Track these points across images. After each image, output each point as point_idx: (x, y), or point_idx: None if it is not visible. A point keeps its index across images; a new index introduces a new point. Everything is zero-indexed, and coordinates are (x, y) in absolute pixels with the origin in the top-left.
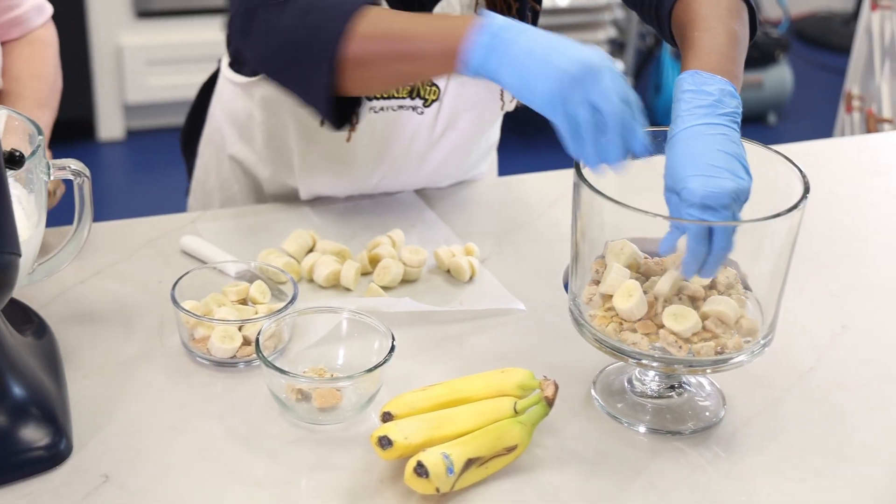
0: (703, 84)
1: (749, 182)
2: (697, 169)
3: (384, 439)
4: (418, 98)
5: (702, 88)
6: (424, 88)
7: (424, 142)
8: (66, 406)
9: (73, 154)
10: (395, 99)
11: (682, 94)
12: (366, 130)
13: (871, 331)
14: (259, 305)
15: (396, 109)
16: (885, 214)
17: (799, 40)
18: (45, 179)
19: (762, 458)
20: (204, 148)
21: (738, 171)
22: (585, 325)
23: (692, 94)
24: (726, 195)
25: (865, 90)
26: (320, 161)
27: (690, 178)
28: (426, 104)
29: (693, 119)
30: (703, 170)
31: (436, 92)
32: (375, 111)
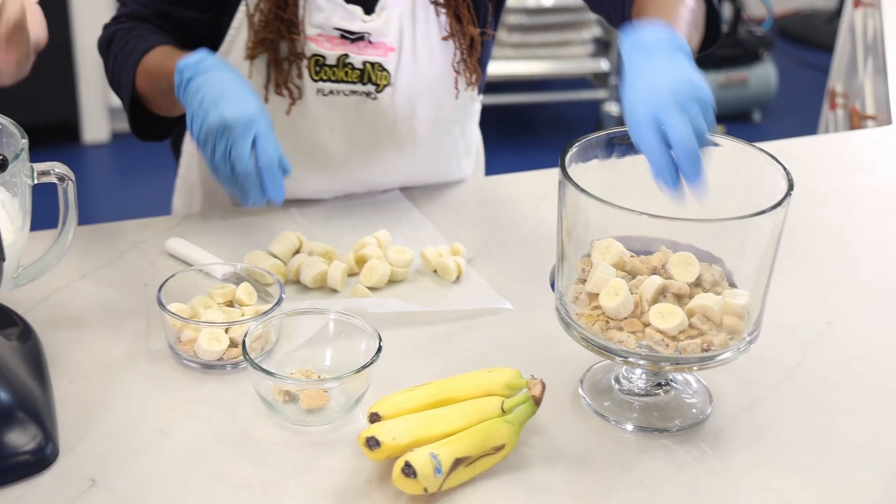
0: (652, 26)
1: (704, 85)
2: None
3: (372, 440)
4: (370, 83)
5: (649, 27)
6: (375, 73)
7: (389, 129)
8: (52, 410)
9: (57, 157)
10: (344, 83)
11: (630, 33)
12: (322, 116)
13: (856, 327)
14: (246, 307)
15: (349, 94)
16: (868, 211)
17: (783, 38)
18: (28, 183)
19: (749, 455)
20: (187, 144)
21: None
22: (572, 324)
23: (640, 32)
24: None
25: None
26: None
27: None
28: (378, 89)
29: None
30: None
31: (386, 77)
32: (325, 94)
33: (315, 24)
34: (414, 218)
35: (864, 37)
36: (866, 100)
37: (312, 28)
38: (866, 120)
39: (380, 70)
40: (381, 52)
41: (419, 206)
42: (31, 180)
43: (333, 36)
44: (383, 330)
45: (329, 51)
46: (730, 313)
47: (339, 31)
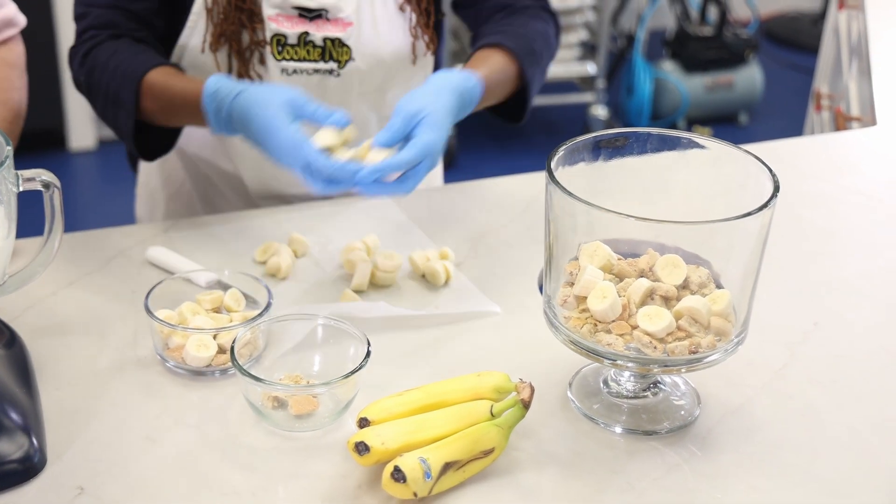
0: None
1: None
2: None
3: (361, 445)
4: (332, 60)
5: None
6: (336, 50)
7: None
8: (40, 418)
9: (44, 164)
10: (307, 62)
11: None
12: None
13: (842, 327)
14: (233, 313)
15: (311, 73)
16: (854, 212)
17: (768, 40)
18: (14, 191)
19: (737, 456)
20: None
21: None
22: (560, 327)
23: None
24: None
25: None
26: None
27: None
28: (340, 66)
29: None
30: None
31: (347, 52)
32: (289, 73)
33: (273, 3)
34: (402, 222)
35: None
36: (851, 101)
37: (271, 8)
38: (851, 121)
39: (340, 46)
40: (339, 27)
41: (407, 211)
42: (17, 188)
43: (292, 15)
44: (372, 335)
45: (289, 30)
46: (716, 315)
47: (297, 9)
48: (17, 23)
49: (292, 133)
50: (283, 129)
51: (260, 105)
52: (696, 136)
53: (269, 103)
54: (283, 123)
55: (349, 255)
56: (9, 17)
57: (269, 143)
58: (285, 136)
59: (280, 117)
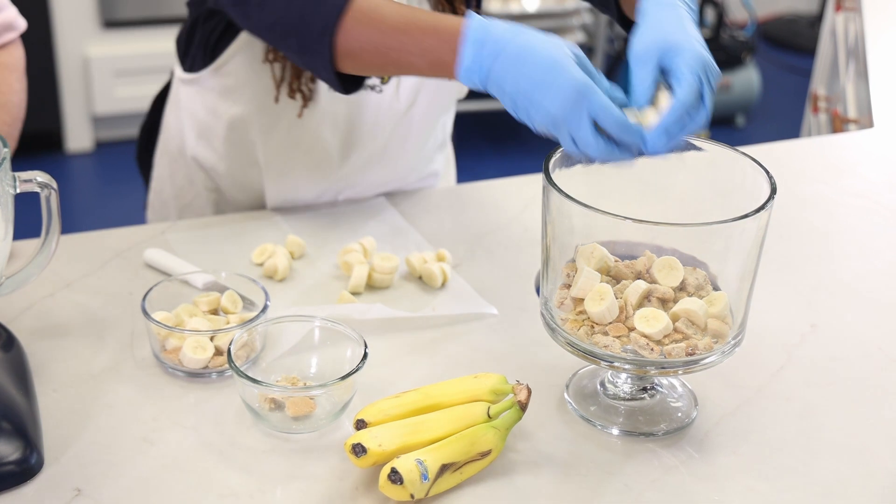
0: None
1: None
2: (686, 32)
3: (358, 447)
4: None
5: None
6: None
7: (388, 124)
8: (37, 420)
9: (41, 166)
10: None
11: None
12: (328, 113)
13: (839, 329)
14: (230, 315)
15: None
16: (851, 214)
17: (765, 42)
18: (11, 193)
19: (734, 458)
20: (159, 158)
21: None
22: (557, 329)
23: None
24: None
25: (831, 91)
26: (285, 150)
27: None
28: (383, 81)
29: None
30: (691, 33)
31: None
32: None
33: None
34: (398, 224)
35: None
36: (848, 103)
37: None
38: (848, 123)
39: None
40: None
41: (404, 213)
42: (14, 189)
43: None
44: (369, 336)
45: None
46: (713, 317)
47: None
48: (16, 27)
49: (582, 76)
50: (573, 70)
51: (548, 45)
52: (693, 138)
53: (559, 45)
54: (573, 65)
55: (346, 257)
56: (9, 21)
57: (552, 84)
58: (574, 77)
59: (570, 59)
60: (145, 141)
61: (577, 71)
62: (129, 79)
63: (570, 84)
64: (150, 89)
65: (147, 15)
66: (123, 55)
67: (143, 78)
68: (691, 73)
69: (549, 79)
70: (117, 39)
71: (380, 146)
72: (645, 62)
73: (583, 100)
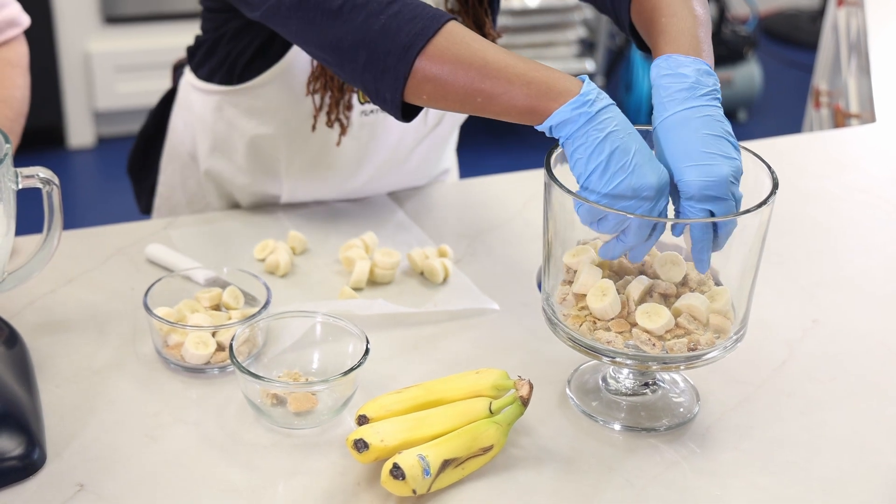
0: (679, 67)
1: (740, 157)
2: (690, 159)
3: (360, 442)
4: None
5: (678, 71)
6: None
7: (410, 141)
8: (39, 415)
9: (43, 162)
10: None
11: (660, 81)
12: (355, 134)
13: (841, 324)
14: (232, 311)
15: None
16: (853, 208)
17: (767, 37)
18: (13, 189)
19: (736, 453)
20: (166, 164)
21: (728, 151)
22: (559, 325)
23: (670, 78)
24: (724, 181)
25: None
26: (308, 167)
27: (685, 170)
28: None
29: (675, 105)
30: (695, 159)
31: None
32: (366, 114)
33: None
34: (400, 220)
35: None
36: (850, 98)
37: None
38: (850, 118)
39: None
40: None
41: (405, 208)
42: (16, 185)
43: None
44: (370, 332)
45: None
46: (716, 312)
47: None
48: (20, 23)
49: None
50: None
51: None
52: None
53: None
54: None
55: (347, 253)
56: (12, 17)
57: (647, 154)
58: (658, 164)
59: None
60: (143, 147)
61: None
62: (131, 74)
63: (665, 172)
64: (152, 85)
65: (149, 11)
66: (125, 51)
67: (145, 74)
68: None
69: (651, 155)
70: (119, 35)
71: (401, 158)
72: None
73: (667, 191)
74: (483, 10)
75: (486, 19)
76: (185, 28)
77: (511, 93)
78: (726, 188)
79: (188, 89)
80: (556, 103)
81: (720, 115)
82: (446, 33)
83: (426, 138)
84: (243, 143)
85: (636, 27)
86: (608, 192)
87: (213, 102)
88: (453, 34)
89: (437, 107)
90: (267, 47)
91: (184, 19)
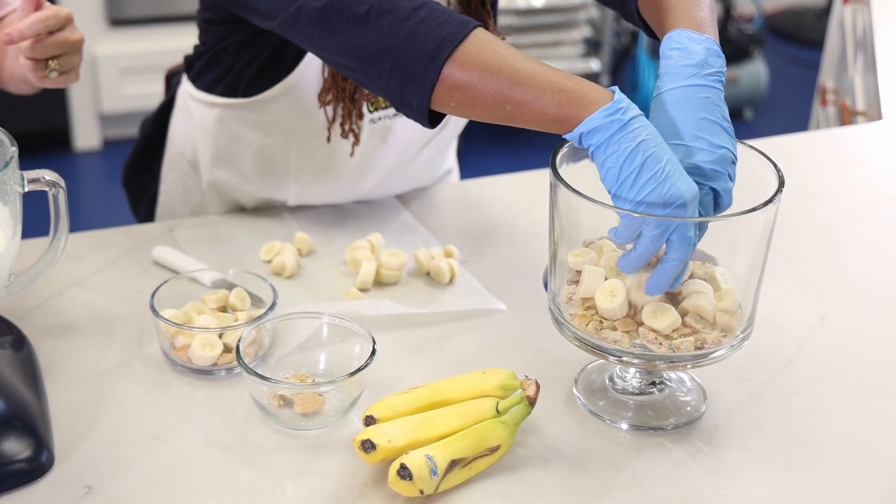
0: (691, 42)
1: (732, 144)
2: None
3: (367, 443)
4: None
5: (689, 46)
6: None
7: (417, 145)
8: (47, 418)
9: (49, 165)
10: (382, 109)
11: (669, 52)
12: (363, 142)
13: (848, 322)
14: (239, 312)
15: (392, 117)
16: (859, 206)
17: (773, 35)
18: (19, 191)
19: (744, 452)
20: (167, 174)
21: (718, 138)
22: (565, 324)
23: (679, 52)
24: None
25: (839, 84)
26: (316, 174)
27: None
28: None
29: (679, 79)
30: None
31: None
32: (374, 122)
33: None
34: (406, 220)
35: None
36: (856, 96)
37: None
38: (857, 116)
39: None
40: None
41: (411, 209)
42: (22, 188)
43: None
44: (377, 333)
45: None
46: (722, 311)
47: None
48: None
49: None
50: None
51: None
52: None
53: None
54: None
55: (354, 254)
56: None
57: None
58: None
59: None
60: (141, 158)
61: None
62: (137, 77)
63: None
64: (158, 87)
65: (154, 13)
66: (130, 53)
67: (151, 76)
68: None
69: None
70: (124, 38)
71: (407, 162)
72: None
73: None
74: (486, 12)
75: (488, 20)
76: (190, 30)
77: (542, 100)
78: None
79: (186, 99)
80: (588, 111)
81: (720, 98)
82: (474, 39)
83: (432, 141)
84: (250, 152)
85: (643, 14)
86: (641, 199)
87: (214, 113)
88: (481, 41)
89: (465, 115)
90: (275, 62)
91: (189, 21)
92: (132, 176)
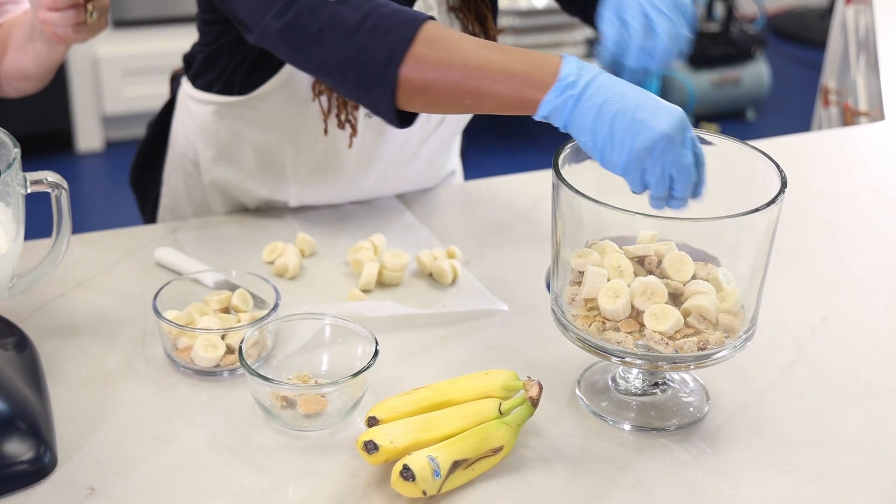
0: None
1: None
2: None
3: (370, 444)
4: None
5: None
6: None
7: (416, 141)
8: (50, 419)
9: (51, 166)
10: None
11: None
12: (360, 136)
13: (850, 323)
14: (241, 313)
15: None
16: (862, 207)
17: (775, 36)
18: (21, 193)
19: (746, 452)
20: (169, 175)
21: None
22: (568, 325)
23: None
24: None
25: (842, 84)
26: (314, 171)
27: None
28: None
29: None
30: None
31: None
32: (370, 116)
33: None
34: (408, 221)
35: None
36: (859, 96)
37: None
38: (859, 116)
39: None
40: None
41: (413, 210)
42: (24, 190)
43: None
44: (379, 334)
45: None
46: (725, 312)
47: None
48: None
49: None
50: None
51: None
52: (704, 132)
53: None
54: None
55: (356, 255)
56: None
57: (659, 106)
58: (666, 105)
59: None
60: (145, 159)
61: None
62: (139, 78)
63: (677, 109)
64: (161, 89)
65: (157, 14)
66: (133, 55)
67: (153, 77)
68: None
69: (655, 102)
70: (127, 39)
71: (407, 158)
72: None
73: (687, 125)
74: (485, 6)
75: (487, 13)
76: (192, 32)
77: (497, 89)
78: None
79: (186, 99)
80: (541, 93)
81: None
82: (422, 39)
83: (431, 137)
84: (251, 149)
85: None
86: (627, 159)
87: (213, 112)
88: (431, 38)
89: (432, 111)
90: (267, 58)
91: (192, 23)
92: (138, 177)
